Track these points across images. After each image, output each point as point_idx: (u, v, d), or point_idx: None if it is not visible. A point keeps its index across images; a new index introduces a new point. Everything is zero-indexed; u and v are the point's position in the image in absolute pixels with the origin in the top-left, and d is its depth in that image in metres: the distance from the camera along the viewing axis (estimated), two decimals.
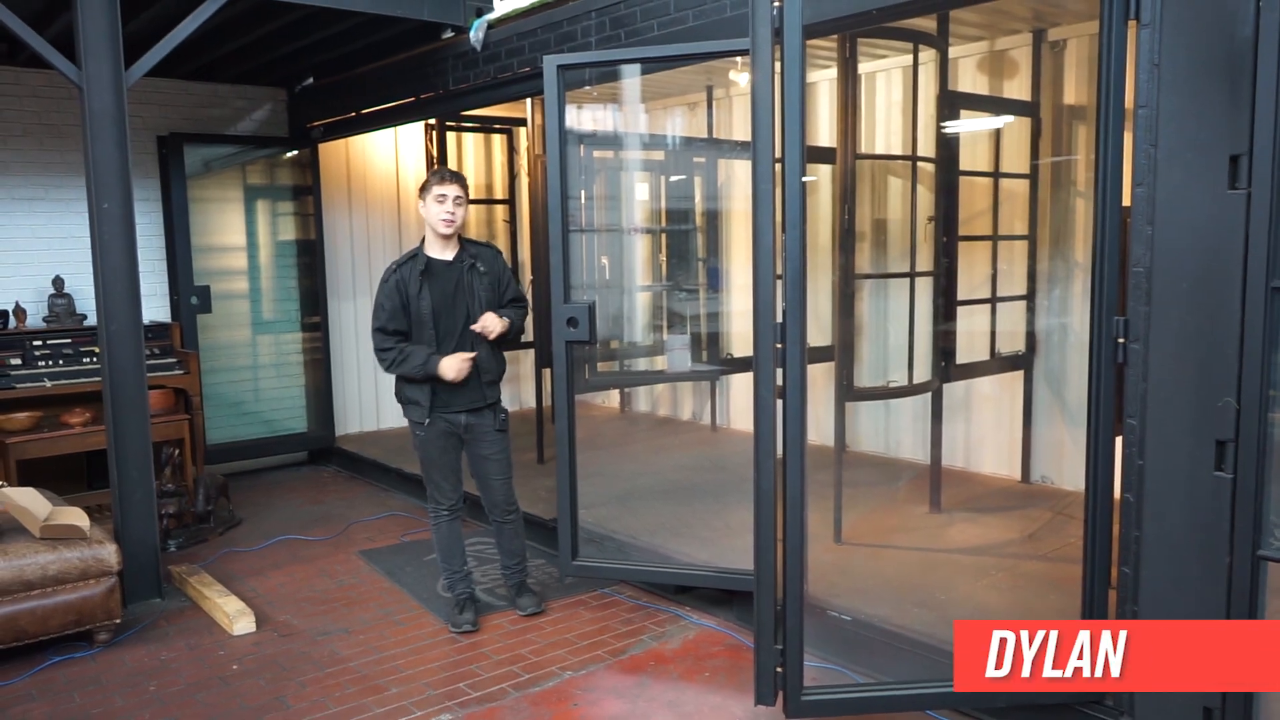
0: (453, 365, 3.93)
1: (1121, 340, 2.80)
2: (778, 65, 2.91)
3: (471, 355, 3.96)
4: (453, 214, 3.95)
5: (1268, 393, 2.50)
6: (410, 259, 4.01)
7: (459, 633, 4.09)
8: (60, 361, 5.71)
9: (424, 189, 4.00)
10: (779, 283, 2.96)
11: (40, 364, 5.64)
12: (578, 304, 4.06)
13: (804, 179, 2.95)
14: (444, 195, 3.94)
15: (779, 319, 2.95)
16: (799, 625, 3.02)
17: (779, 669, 3.04)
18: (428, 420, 4.00)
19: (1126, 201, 2.79)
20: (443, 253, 4.02)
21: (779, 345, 2.95)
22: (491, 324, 3.97)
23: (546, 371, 6.03)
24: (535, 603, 4.30)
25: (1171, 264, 2.64)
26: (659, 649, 3.92)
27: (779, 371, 2.97)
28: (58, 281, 6.00)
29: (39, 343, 5.73)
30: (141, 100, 6.32)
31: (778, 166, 2.94)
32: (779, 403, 2.98)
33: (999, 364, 5.32)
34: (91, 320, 5.95)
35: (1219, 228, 2.53)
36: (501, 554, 4.36)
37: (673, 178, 6.82)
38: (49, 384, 5.55)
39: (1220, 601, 2.62)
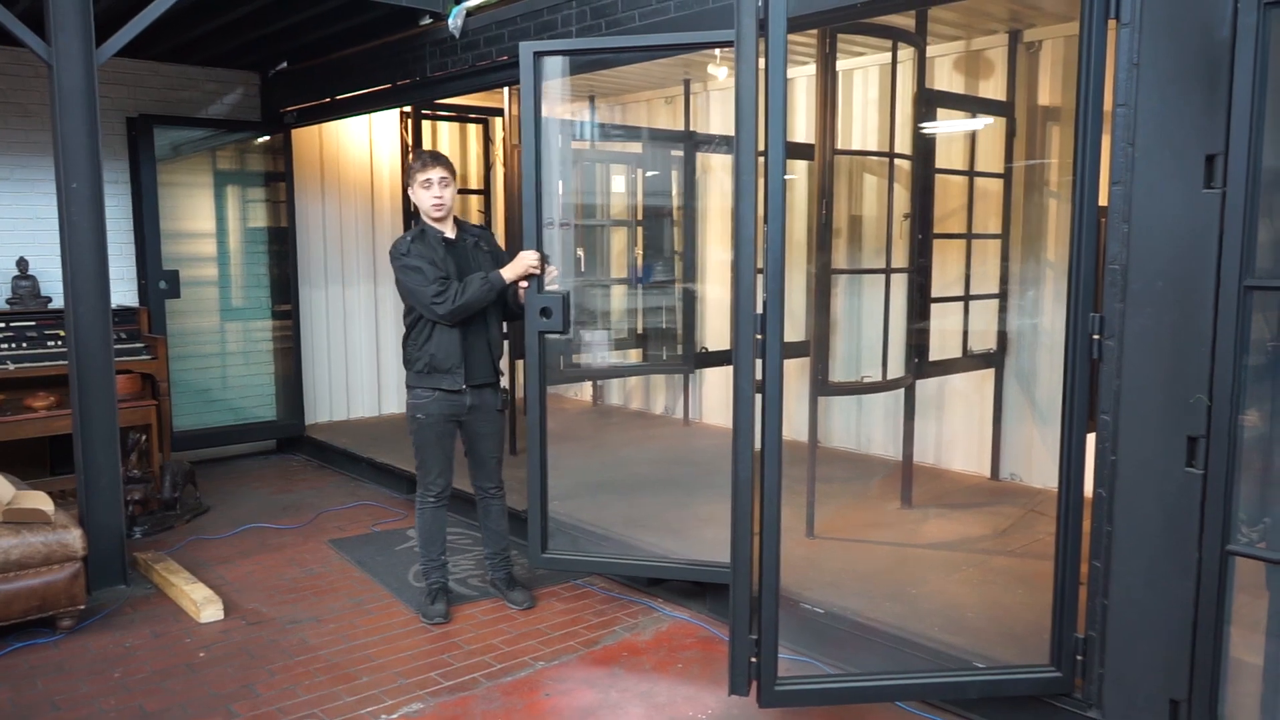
0: (520, 264, 3.93)
1: (1096, 337, 2.83)
2: (761, 59, 2.91)
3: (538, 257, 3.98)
4: (441, 197, 3.97)
5: (1239, 390, 2.54)
6: (419, 234, 4.00)
7: (430, 623, 4.06)
8: (24, 344, 5.60)
9: (409, 175, 4.02)
10: (759, 274, 2.96)
11: (3, 346, 5.54)
12: (551, 294, 4.05)
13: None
14: (429, 180, 3.96)
15: (759, 310, 2.95)
16: (774, 615, 3.02)
17: (753, 659, 3.05)
18: (462, 388, 3.98)
19: (1103, 200, 2.82)
20: (445, 231, 4.05)
21: (759, 336, 2.95)
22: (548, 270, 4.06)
23: (518, 363, 6.02)
24: (528, 597, 4.28)
25: (1147, 262, 2.67)
26: (632, 640, 3.92)
27: (758, 363, 2.98)
28: (22, 263, 5.88)
29: (2, 325, 5.62)
30: (110, 80, 6.21)
31: (760, 159, 2.94)
32: (758, 394, 2.98)
33: (971, 361, 5.37)
34: (56, 303, 5.85)
35: (1194, 226, 2.57)
36: (487, 538, 4.35)
37: (649, 173, 6.81)
38: (11, 366, 5.44)
39: (1189, 596, 2.67)
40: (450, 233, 4.06)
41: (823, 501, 4.68)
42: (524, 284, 4.01)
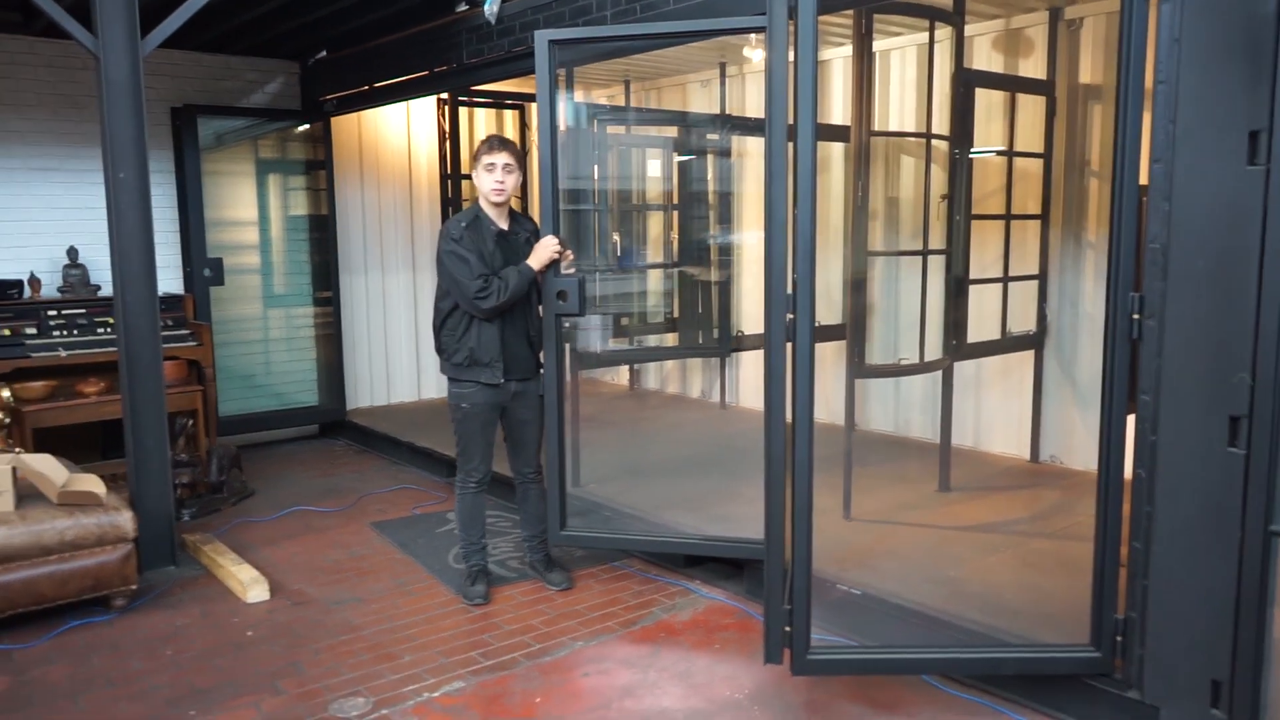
0: (544, 251, 3.96)
1: (1137, 316, 2.80)
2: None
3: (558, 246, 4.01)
4: (502, 182, 3.98)
5: None
6: (473, 221, 4.01)
7: (471, 604, 4.12)
8: (75, 331, 5.75)
9: (475, 157, 4.05)
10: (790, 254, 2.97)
11: (55, 334, 5.68)
12: (567, 278, 4.08)
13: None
14: (493, 164, 3.97)
15: (790, 290, 2.96)
16: (806, 585, 3.05)
17: (787, 628, 3.07)
18: (501, 382, 4.02)
19: (1144, 179, 2.79)
20: (499, 221, 4.06)
21: (790, 316, 2.96)
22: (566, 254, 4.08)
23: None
24: (566, 578, 4.33)
25: (1188, 240, 2.64)
26: (669, 621, 3.96)
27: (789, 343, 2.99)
28: (72, 252, 6.03)
29: (54, 313, 5.77)
30: (154, 71, 6.31)
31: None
32: (789, 370, 2.99)
33: (1010, 343, 5.33)
34: (105, 291, 5.99)
35: (1237, 204, 2.54)
36: (525, 520, 4.40)
37: (681, 157, 6.79)
38: (63, 354, 5.58)
39: (1231, 577, 2.65)
40: (504, 224, 4.08)
41: (860, 484, 4.68)
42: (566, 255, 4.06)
